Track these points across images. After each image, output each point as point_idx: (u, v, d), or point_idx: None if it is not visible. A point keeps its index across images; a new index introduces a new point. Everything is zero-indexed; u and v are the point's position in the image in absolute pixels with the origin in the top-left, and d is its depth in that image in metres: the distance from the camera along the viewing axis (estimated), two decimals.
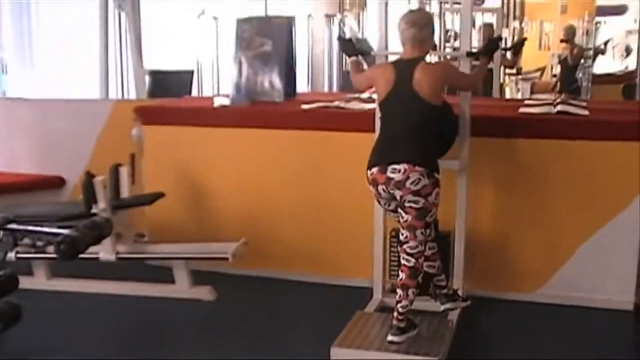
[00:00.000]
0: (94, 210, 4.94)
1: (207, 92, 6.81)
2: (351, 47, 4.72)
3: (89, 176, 4.95)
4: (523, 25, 11.68)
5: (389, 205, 4.15)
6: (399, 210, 4.07)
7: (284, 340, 4.52)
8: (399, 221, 4.14)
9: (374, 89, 4.41)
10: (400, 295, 4.12)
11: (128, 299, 5.14)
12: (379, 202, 4.20)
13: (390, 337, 4.10)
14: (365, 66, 4.74)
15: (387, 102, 4.15)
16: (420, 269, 4.12)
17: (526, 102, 5.87)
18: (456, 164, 4.63)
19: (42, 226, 4.56)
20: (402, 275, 4.13)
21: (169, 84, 7.15)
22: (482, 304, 4.98)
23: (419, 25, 4.12)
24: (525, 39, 6.27)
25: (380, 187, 4.04)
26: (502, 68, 9.18)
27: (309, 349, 4.30)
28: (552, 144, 4.90)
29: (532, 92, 10.27)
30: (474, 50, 4.80)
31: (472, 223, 4.94)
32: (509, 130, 5.00)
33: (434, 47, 5.83)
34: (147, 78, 7.20)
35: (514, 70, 10.14)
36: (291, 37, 5.96)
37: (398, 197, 4.00)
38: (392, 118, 4.14)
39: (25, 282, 5.14)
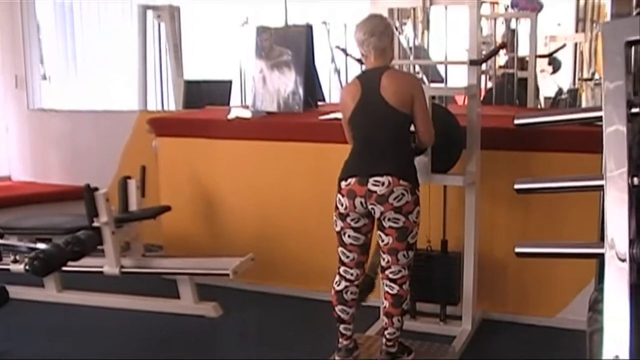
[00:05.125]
0: (96, 224, 4.86)
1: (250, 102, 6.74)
2: None
3: (90, 189, 4.87)
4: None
5: (356, 222, 3.81)
6: (379, 232, 3.83)
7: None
8: (353, 244, 3.87)
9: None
10: (386, 323, 3.91)
11: (133, 313, 5.09)
12: (343, 218, 3.83)
13: None
14: None
15: (357, 113, 3.84)
16: (405, 296, 3.87)
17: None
18: (461, 180, 4.37)
19: (35, 241, 4.57)
20: (385, 302, 3.90)
21: (205, 94, 7.05)
22: (497, 327, 4.75)
23: (378, 33, 3.82)
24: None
25: (358, 200, 3.73)
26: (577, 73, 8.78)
27: None
28: (571, 157, 4.56)
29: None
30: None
31: (487, 242, 4.69)
32: (523, 143, 4.68)
33: None
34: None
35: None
36: (310, 45, 5.77)
37: (378, 214, 3.74)
38: (365, 129, 3.84)
39: (36, 294, 5.28)
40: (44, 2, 7.68)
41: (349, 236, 3.87)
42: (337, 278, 3.99)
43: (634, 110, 1.55)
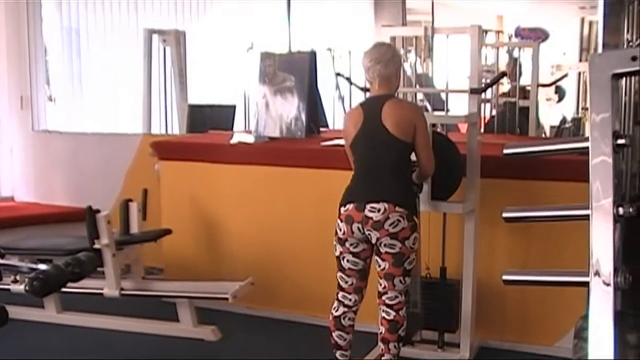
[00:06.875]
0: (97, 246, 4.88)
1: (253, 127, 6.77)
2: None
3: (92, 211, 4.90)
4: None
5: (355, 247, 3.87)
6: (375, 258, 3.86)
7: None
8: (352, 269, 3.93)
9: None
10: (382, 349, 3.93)
11: (132, 336, 5.09)
12: (342, 243, 3.90)
13: None
14: None
15: (358, 140, 3.91)
16: (401, 322, 3.90)
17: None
18: (460, 208, 4.39)
19: (37, 261, 4.58)
20: (381, 328, 3.92)
21: (209, 119, 7.09)
22: (496, 355, 4.76)
23: (384, 61, 3.89)
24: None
25: (355, 226, 3.79)
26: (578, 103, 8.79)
27: None
28: (571, 186, 4.56)
29: None
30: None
31: (486, 270, 4.69)
32: (523, 171, 4.69)
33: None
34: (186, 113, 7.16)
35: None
36: (314, 72, 5.81)
37: (374, 240, 3.77)
38: (366, 156, 3.91)
39: (36, 315, 5.29)
40: (51, 25, 7.73)
41: (347, 261, 3.91)
42: (336, 304, 4.02)
43: (620, 141, 1.57)
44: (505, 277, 1.73)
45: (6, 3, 7.28)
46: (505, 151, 1.76)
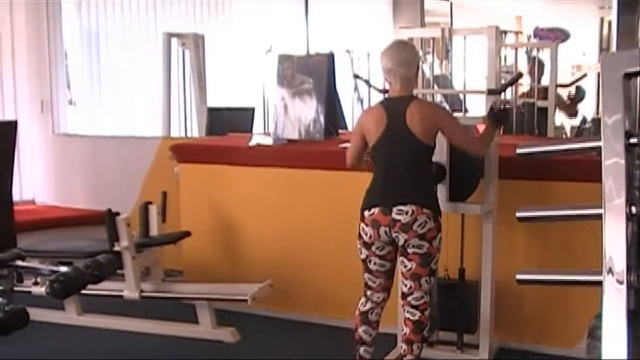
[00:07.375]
0: (116, 248, 4.91)
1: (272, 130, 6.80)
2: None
3: (112, 214, 4.93)
4: None
5: (381, 250, 3.89)
6: (401, 258, 3.87)
7: None
8: (379, 270, 3.97)
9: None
10: (404, 350, 3.93)
11: (152, 338, 5.10)
12: (368, 247, 3.92)
13: None
14: None
15: (382, 142, 3.91)
16: (425, 322, 3.91)
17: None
18: (478, 209, 4.38)
19: (57, 264, 4.62)
20: (405, 329, 3.93)
21: (228, 121, 7.13)
22: (515, 356, 4.73)
23: (407, 63, 3.90)
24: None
25: (382, 229, 3.81)
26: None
27: None
28: (588, 186, 4.53)
29: None
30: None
31: (505, 271, 4.66)
32: (541, 172, 4.67)
33: None
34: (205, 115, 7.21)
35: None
36: (332, 74, 5.82)
37: (402, 241, 3.79)
38: (389, 158, 3.91)
39: (56, 317, 5.33)
40: (71, 29, 7.79)
41: (374, 263, 3.95)
42: (363, 300, 4.05)
43: (633, 140, 1.57)
44: (518, 277, 1.74)
45: (27, 6, 7.35)
46: (519, 151, 1.77)
